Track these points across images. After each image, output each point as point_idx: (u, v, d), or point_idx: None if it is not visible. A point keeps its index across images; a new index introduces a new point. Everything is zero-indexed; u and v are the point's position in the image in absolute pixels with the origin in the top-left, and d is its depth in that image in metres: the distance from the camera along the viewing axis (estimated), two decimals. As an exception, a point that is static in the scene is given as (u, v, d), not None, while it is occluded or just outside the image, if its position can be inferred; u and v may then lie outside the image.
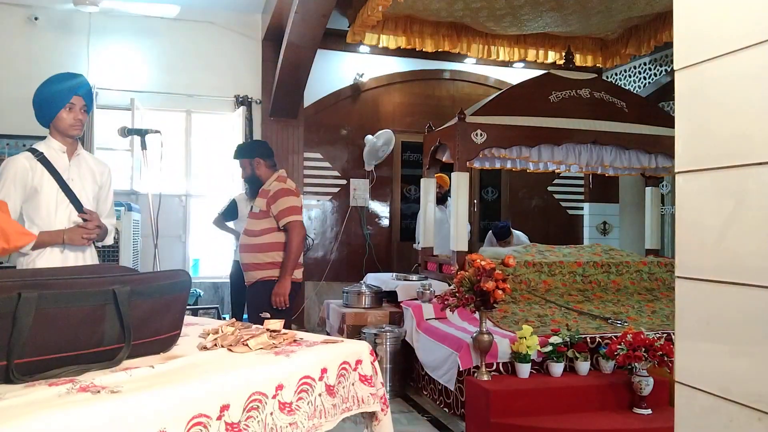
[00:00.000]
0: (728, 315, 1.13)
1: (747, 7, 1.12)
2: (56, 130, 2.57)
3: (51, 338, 1.19)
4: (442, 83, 7.14)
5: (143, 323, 1.36)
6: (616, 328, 3.93)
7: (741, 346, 1.10)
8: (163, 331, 1.44)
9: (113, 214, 2.86)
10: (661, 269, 4.85)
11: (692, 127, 1.25)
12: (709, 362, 1.17)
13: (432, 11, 5.56)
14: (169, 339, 1.46)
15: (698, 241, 1.21)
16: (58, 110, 2.52)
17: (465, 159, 4.63)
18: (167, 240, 5.97)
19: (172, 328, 1.47)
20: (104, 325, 1.27)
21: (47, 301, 1.17)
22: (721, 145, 1.17)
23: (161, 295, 1.42)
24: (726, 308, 1.13)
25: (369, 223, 6.84)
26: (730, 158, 1.14)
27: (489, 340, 3.48)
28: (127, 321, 1.30)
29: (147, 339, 1.38)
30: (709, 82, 1.21)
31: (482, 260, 3.46)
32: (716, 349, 1.15)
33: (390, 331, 4.37)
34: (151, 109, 6.12)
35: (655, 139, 5.01)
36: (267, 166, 3.62)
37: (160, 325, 1.42)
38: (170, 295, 1.45)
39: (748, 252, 1.09)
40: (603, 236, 7.31)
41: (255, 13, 6.47)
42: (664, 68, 6.58)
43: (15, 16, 5.83)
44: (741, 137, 1.13)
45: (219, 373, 1.29)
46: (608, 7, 5.39)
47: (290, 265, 3.39)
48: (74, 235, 2.51)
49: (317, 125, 6.66)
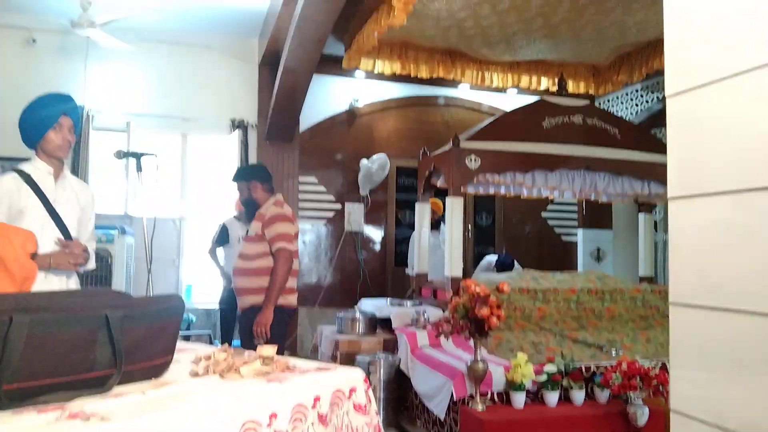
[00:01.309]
0: (723, 342, 1.13)
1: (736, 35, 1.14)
2: (43, 151, 2.53)
3: (42, 363, 1.17)
4: (436, 109, 7.21)
5: (135, 349, 1.35)
6: (611, 356, 3.91)
7: (736, 373, 1.10)
8: (156, 357, 1.42)
9: (93, 237, 2.79)
10: (655, 297, 4.84)
11: (684, 153, 1.26)
12: (705, 390, 1.17)
13: (427, 38, 5.64)
14: (161, 365, 1.44)
15: (691, 267, 1.21)
16: (45, 131, 2.48)
17: (459, 184, 4.64)
18: (161, 264, 5.93)
19: (165, 353, 1.46)
20: (96, 351, 1.26)
21: (39, 325, 1.16)
22: (713, 171, 1.18)
23: (154, 320, 1.40)
24: (721, 335, 1.13)
25: (363, 248, 6.83)
26: (722, 184, 1.15)
27: (484, 369, 3.45)
28: (119, 346, 1.28)
29: (139, 365, 1.36)
30: (700, 108, 1.22)
31: (477, 286, 3.45)
32: (711, 376, 1.15)
33: (384, 358, 4.33)
34: (147, 131, 6.14)
35: (648, 165, 5.05)
36: (264, 190, 3.63)
37: (152, 350, 1.40)
38: (163, 320, 1.43)
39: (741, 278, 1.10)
40: (597, 263, 7.31)
41: (252, 38, 6.54)
42: (656, 95, 6.67)
43: (13, 38, 5.88)
44: (733, 163, 1.13)
45: (211, 400, 1.27)
46: (600, 35, 5.48)
47: (274, 294, 3.35)
48: (61, 259, 2.44)
49: (312, 149, 6.69)
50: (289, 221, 3.50)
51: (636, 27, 5.26)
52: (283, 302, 3.47)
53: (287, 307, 3.51)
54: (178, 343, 1.57)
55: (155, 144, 6.05)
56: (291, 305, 3.51)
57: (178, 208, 6.36)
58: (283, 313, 3.49)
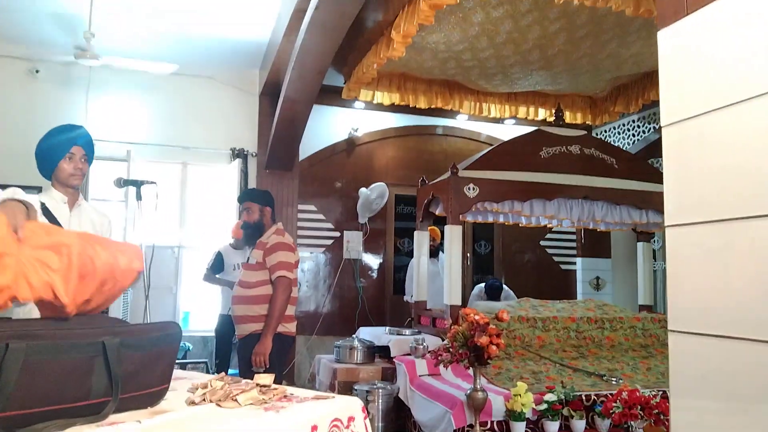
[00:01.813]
0: (723, 369, 1.12)
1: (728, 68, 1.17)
2: (57, 180, 2.60)
3: (37, 391, 1.16)
4: (435, 138, 7.27)
5: (132, 377, 1.34)
6: (612, 385, 3.87)
7: (736, 401, 1.09)
8: (152, 385, 1.41)
9: None
10: (655, 325, 4.82)
11: (679, 181, 1.27)
12: (705, 419, 1.16)
13: (425, 69, 5.72)
14: (157, 393, 1.43)
15: (689, 294, 1.22)
16: (58, 161, 2.56)
17: (458, 212, 4.66)
18: (158, 292, 5.91)
19: (161, 381, 1.45)
20: (92, 378, 1.25)
21: (35, 352, 1.15)
22: (708, 199, 1.19)
23: (151, 347, 1.40)
24: (720, 363, 1.13)
25: (362, 276, 6.81)
26: (717, 212, 1.16)
27: (483, 398, 3.42)
28: (116, 374, 1.27)
29: (135, 393, 1.35)
30: (694, 138, 1.24)
31: (476, 315, 3.44)
32: (712, 405, 1.14)
33: (383, 387, 4.29)
34: (147, 160, 6.17)
35: (646, 194, 5.08)
36: (271, 217, 3.67)
37: (149, 378, 1.39)
38: (160, 347, 1.43)
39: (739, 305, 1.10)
40: (596, 291, 7.29)
41: (253, 69, 6.63)
42: (652, 126, 6.73)
43: (17, 68, 5.96)
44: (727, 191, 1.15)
45: (207, 429, 1.26)
46: (596, 67, 5.56)
47: (273, 323, 3.35)
48: None
49: (312, 178, 6.73)
50: (291, 250, 3.52)
51: (632, 59, 5.35)
52: (282, 330, 3.45)
53: (286, 335, 3.49)
54: (175, 372, 1.56)
55: (155, 172, 6.08)
56: (290, 333, 3.49)
57: (176, 236, 6.36)
58: (282, 341, 3.46)
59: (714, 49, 1.21)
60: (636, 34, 4.79)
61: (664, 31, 1.34)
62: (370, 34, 4.95)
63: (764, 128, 1.08)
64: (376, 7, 4.54)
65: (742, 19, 1.15)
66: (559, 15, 4.46)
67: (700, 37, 1.24)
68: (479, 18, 4.53)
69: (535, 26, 4.65)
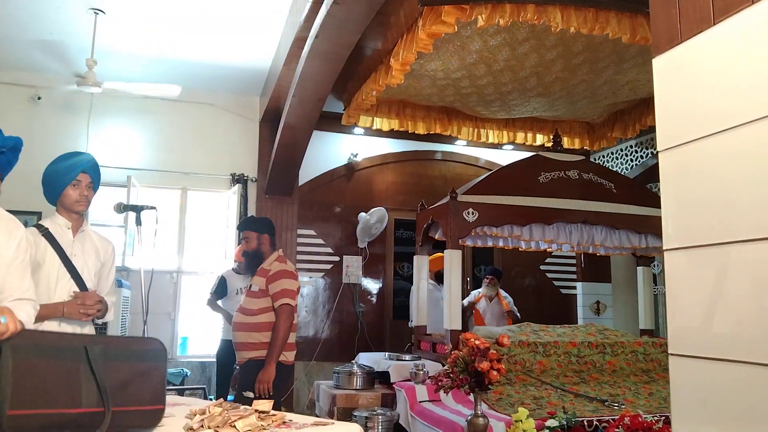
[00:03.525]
0: (724, 393, 1.12)
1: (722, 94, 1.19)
2: (62, 206, 2.63)
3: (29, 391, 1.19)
4: (433, 163, 7.31)
5: (121, 388, 1.36)
6: (614, 410, 3.83)
7: (737, 425, 1.09)
8: (144, 402, 1.42)
9: (114, 291, 2.87)
10: (656, 350, 4.79)
11: (677, 205, 1.28)
12: (708, 445, 1.15)
13: (424, 96, 5.78)
14: (152, 413, 1.44)
15: (689, 317, 1.22)
16: (63, 187, 2.59)
17: (457, 236, 4.66)
18: (156, 317, 5.88)
19: (155, 401, 1.45)
20: (80, 384, 1.28)
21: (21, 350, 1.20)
22: (705, 222, 1.20)
23: (136, 360, 1.43)
24: (721, 386, 1.13)
25: (362, 300, 6.79)
26: (715, 235, 1.17)
27: (484, 424, 3.38)
28: (103, 381, 1.30)
29: (128, 407, 1.36)
30: (690, 162, 1.26)
31: (476, 339, 3.42)
32: (713, 430, 1.14)
33: (382, 414, 4.24)
34: (147, 186, 6.20)
35: (645, 219, 5.09)
36: (270, 244, 3.67)
37: (140, 393, 1.41)
38: (146, 362, 1.45)
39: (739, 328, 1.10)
40: (596, 316, 7.26)
41: (254, 95, 6.70)
42: (650, 151, 6.78)
43: (19, 95, 6.02)
44: (724, 215, 1.16)
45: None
46: (593, 93, 5.62)
47: (276, 351, 3.34)
48: (73, 309, 2.51)
49: (311, 203, 6.75)
50: (294, 278, 3.52)
51: (628, 86, 5.41)
52: (282, 358, 3.44)
53: (285, 363, 3.47)
54: (172, 398, 1.56)
55: (155, 198, 6.11)
56: (288, 361, 3.47)
57: (175, 262, 6.36)
58: (282, 369, 3.45)
59: (708, 75, 1.23)
60: (632, 60, 4.85)
61: (659, 58, 1.37)
62: (369, 61, 5.02)
63: (758, 152, 1.10)
64: (376, 36, 4.61)
65: (735, 46, 1.17)
66: (555, 43, 4.53)
67: (694, 64, 1.27)
68: (477, 46, 4.59)
69: (532, 54, 4.72)
